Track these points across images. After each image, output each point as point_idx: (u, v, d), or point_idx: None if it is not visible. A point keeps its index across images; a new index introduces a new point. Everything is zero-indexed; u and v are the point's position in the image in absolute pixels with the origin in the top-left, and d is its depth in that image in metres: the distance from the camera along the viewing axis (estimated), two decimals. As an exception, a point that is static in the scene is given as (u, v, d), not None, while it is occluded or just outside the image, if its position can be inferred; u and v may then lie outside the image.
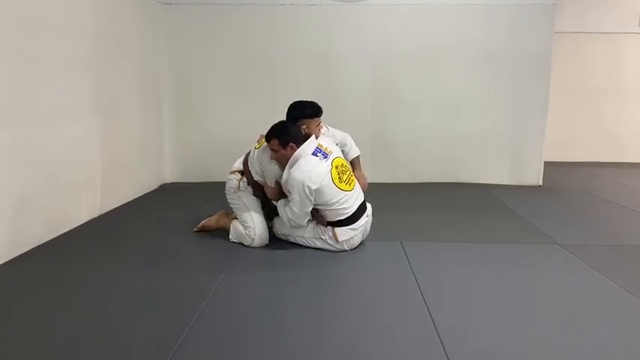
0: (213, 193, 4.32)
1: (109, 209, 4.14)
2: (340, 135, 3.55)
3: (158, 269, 2.83)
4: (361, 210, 3.15)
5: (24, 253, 3.06)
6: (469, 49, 5.33)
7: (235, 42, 5.36)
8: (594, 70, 7.17)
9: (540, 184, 5.50)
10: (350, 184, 3.11)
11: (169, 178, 5.51)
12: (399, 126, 5.49)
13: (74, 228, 3.60)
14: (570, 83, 7.10)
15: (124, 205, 4.35)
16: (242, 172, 3.31)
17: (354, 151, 3.57)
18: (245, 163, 3.32)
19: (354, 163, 3.51)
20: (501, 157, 5.53)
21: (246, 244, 3.20)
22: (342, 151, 3.37)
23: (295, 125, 3.12)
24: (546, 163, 5.58)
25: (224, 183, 3.37)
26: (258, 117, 5.43)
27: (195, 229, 3.51)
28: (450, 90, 5.41)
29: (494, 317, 2.26)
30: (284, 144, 2.97)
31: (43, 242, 3.26)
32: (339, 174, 3.04)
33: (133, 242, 3.33)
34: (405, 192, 5.11)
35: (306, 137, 3.07)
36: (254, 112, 5.42)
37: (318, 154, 3.00)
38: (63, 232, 3.48)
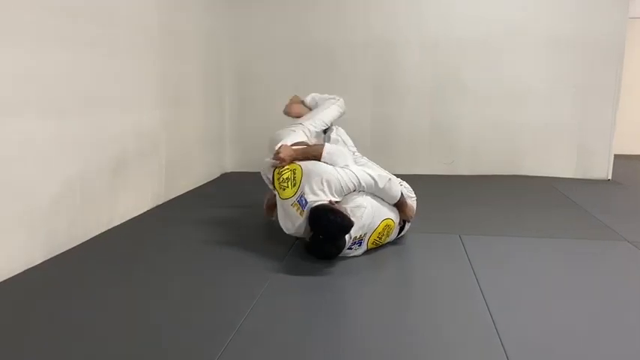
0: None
1: (173, 197, 4.28)
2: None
3: (216, 259, 2.89)
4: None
5: (92, 238, 3.20)
6: (535, 35, 5.14)
7: (295, 31, 5.40)
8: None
9: (610, 178, 5.25)
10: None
11: (230, 167, 5.64)
12: (460, 115, 5.37)
13: (139, 214, 3.75)
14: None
15: (186, 193, 4.49)
16: None
17: (389, 195, 2.96)
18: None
19: (398, 207, 3.03)
20: (568, 149, 5.31)
21: None
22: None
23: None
24: (617, 156, 5.32)
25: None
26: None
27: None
28: (515, 78, 5.24)
29: (556, 315, 2.19)
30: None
31: (110, 227, 3.41)
32: (375, 244, 2.96)
33: (193, 231, 3.43)
34: (464, 184, 5.00)
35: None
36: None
37: (353, 247, 2.84)
38: (129, 218, 3.64)
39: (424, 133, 5.45)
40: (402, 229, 3.12)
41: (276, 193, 2.95)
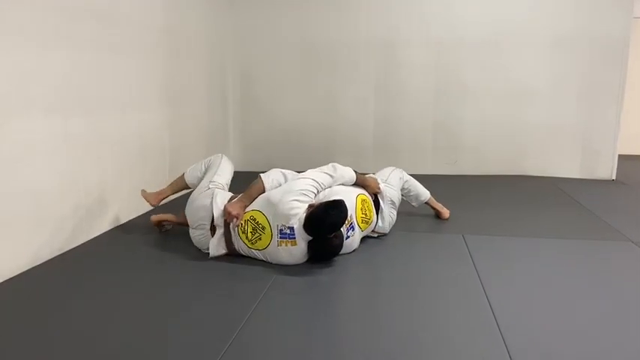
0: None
1: (177, 197, 4.27)
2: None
3: (217, 260, 2.87)
4: None
5: (96, 237, 3.23)
6: (539, 35, 5.13)
7: (298, 31, 5.41)
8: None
9: (614, 178, 5.23)
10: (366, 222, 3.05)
11: (234, 167, 5.63)
12: (463, 116, 5.37)
13: (143, 213, 3.76)
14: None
15: (190, 192, 4.48)
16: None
17: (345, 178, 3.04)
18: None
19: (360, 185, 3.13)
20: (572, 149, 5.30)
21: None
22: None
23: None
24: (621, 156, 5.30)
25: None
26: (321, 106, 5.51)
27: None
28: (518, 78, 5.23)
29: (559, 316, 2.19)
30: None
31: (115, 226, 3.44)
32: (365, 222, 3.02)
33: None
34: (468, 184, 5.00)
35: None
36: (317, 102, 5.47)
37: (349, 233, 2.84)
38: (134, 217, 3.66)
39: (427, 134, 5.45)
40: (377, 203, 3.14)
41: (254, 251, 2.76)
